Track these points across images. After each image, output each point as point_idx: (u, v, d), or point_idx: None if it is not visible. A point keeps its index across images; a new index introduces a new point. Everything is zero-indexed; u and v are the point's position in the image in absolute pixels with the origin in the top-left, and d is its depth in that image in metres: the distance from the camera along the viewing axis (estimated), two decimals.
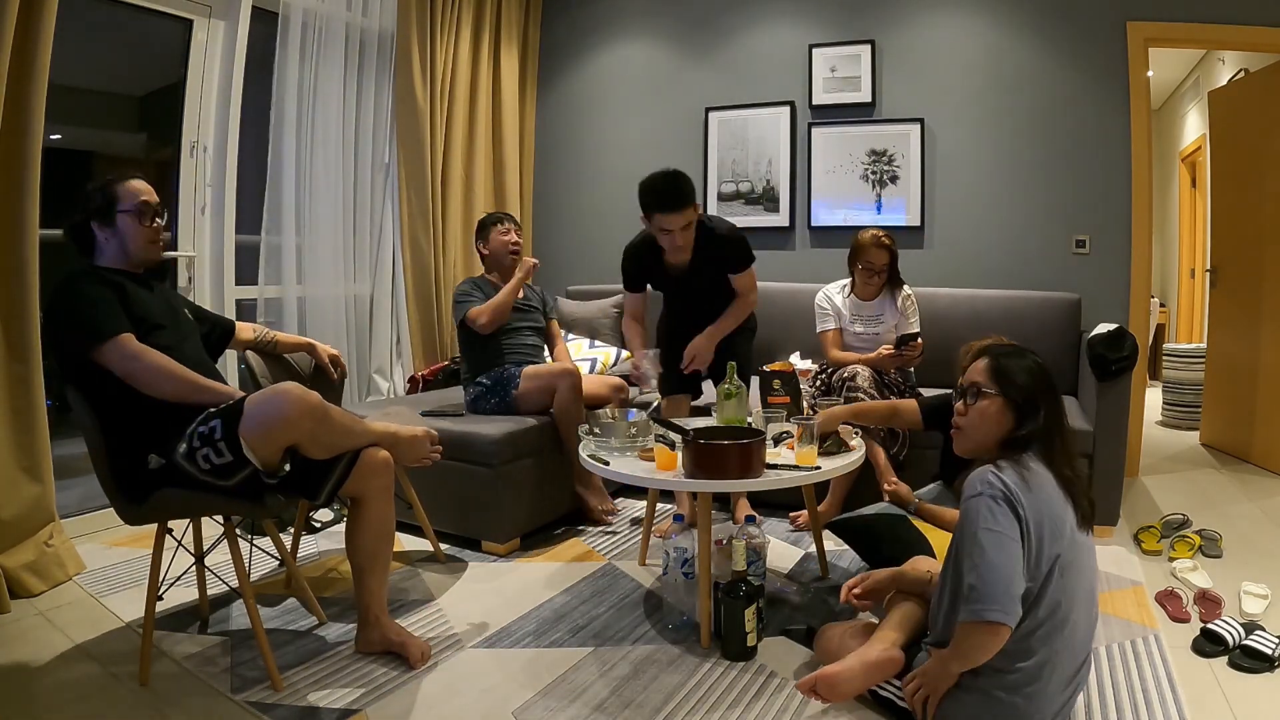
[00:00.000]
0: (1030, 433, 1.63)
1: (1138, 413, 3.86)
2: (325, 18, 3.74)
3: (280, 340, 2.55)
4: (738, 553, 2.11)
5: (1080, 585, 1.60)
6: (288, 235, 3.65)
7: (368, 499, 2.05)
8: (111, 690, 1.93)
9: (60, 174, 2.90)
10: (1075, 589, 1.59)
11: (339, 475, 2.00)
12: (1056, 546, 1.55)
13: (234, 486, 1.88)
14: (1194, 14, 3.69)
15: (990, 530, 1.51)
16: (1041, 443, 1.64)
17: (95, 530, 3.03)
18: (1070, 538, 1.58)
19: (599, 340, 4.23)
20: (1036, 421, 1.64)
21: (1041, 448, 1.63)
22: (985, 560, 1.50)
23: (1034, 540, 1.53)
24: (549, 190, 4.97)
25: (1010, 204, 4.03)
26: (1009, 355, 1.71)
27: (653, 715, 1.83)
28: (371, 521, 2.06)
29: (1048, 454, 1.63)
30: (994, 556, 1.49)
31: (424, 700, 1.89)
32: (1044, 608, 1.54)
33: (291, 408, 1.84)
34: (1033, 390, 1.65)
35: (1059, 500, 1.59)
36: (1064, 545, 1.56)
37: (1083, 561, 1.62)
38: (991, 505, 1.53)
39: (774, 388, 2.63)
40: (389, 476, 2.09)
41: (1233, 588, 2.47)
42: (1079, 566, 1.61)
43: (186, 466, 1.87)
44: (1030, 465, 1.59)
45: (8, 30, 2.35)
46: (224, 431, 1.85)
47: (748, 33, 4.48)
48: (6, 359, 2.48)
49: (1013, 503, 1.53)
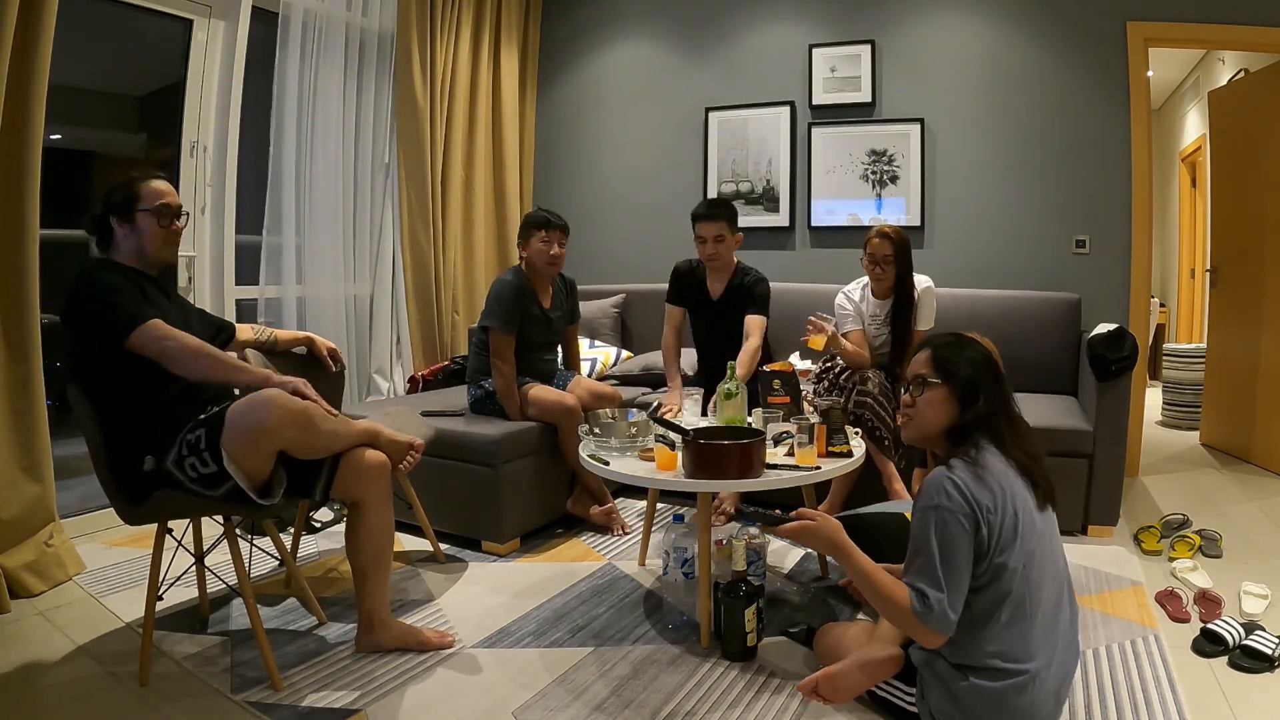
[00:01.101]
0: (974, 418, 1.69)
1: (1138, 413, 3.86)
2: (325, 18, 3.74)
3: (280, 338, 2.54)
4: (738, 553, 2.11)
5: (1046, 574, 1.64)
6: (288, 235, 3.65)
7: (366, 502, 2.05)
8: (111, 690, 1.93)
9: (60, 174, 2.90)
10: (1041, 579, 1.62)
11: (327, 473, 2.01)
12: (1030, 539, 1.60)
13: (221, 496, 1.88)
14: (1194, 14, 3.69)
15: (943, 538, 1.58)
16: (987, 427, 1.69)
17: (95, 530, 3.03)
18: (1031, 524, 1.62)
19: (599, 340, 4.24)
20: (978, 408, 1.69)
21: (989, 433, 1.68)
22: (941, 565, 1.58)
23: (999, 532, 1.58)
24: (549, 190, 4.97)
25: (1010, 204, 4.03)
26: (949, 346, 1.76)
27: (653, 715, 1.83)
28: (371, 525, 2.06)
29: (997, 439, 1.68)
30: (950, 573, 1.57)
31: (424, 700, 1.89)
32: (1007, 606, 1.58)
33: (273, 417, 1.83)
34: (973, 378, 1.70)
35: (1019, 484, 1.64)
36: (1032, 534, 1.62)
37: (1046, 548, 1.66)
38: (945, 517, 1.58)
39: (774, 388, 2.63)
40: (386, 479, 2.09)
41: (1233, 588, 2.47)
42: (1044, 553, 1.64)
43: (176, 473, 1.88)
44: (982, 457, 1.64)
45: (8, 30, 2.35)
46: (207, 441, 1.85)
47: (748, 33, 4.48)
48: (7, 359, 2.48)
49: (971, 509, 1.57)
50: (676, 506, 2.97)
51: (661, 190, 4.69)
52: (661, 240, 4.68)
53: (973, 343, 1.78)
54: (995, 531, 1.58)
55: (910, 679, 1.72)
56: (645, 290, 4.40)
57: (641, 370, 3.92)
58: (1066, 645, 1.67)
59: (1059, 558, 1.71)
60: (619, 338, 4.35)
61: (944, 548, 1.57)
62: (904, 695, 1.72)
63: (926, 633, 1.60)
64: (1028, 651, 1.59)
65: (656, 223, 4.70)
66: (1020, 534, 1.59)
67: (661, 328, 3.34)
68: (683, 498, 3.13)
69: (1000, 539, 1.58)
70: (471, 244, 4.53)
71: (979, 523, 1.57)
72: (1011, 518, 1.59)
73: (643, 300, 4.38)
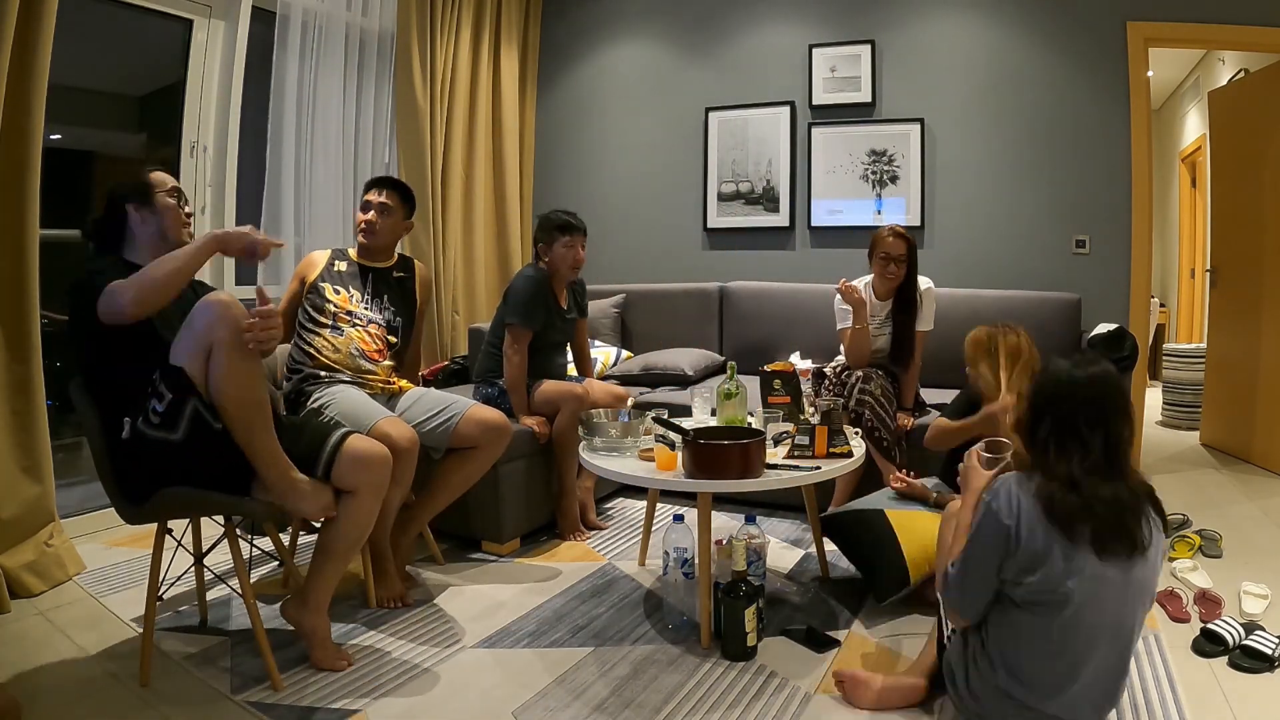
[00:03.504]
0: (1034, 442, 1.62)
1: (1138, 413, 3.86)
2: (325, 18, 3.74)
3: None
4: (738, 553, 2.11)
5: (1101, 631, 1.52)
6: (288, 235, 3.65)
7: (359, 491, 2.01)
8: (111, 690, 1.93)
9: (60, 174, 2.90)
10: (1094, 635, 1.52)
11: (328, 456, 1.97)
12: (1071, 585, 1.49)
13: (184, 439, 1.80)
14: (1194, 14, 3.70)
15: (974, 540, 1.61)
16: (1043, 456, 1.59)
17: (95, 530, 3.03)
18: (1075, 566, 1.49)
19: (599, 340, 4.23)
20: (1038, 433, 1.60)
21: (1040, 462, 1.59)
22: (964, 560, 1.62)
23: (1017, 556, 1.54)
24: (549, 190, 4.97)
25: (1010, 204, 4.03)
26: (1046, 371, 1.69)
27: (653, 715, 1.83)
28: (353, 512, 2.01)
29: (1045, 470, 1.57)
30: (969, 564, 1.61)
31: (424, 700, 1.89)
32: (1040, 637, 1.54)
33: (212, 313, 1.78)
34: (1041, 405, 1.62)
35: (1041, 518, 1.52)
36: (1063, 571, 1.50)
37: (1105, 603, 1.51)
38: (985, 513, 1.59)
39: (774, 388, 2.63)
40: (384, 473, 2.06)
41: (1233, 588, 2.47)
42: (1099, 607, 1.51)
43: (144, 430, 1.83)
44: (1025, 478, 1.58)
45: (8, 30, 2.35)
46: (162, 372, 1.81)
47: (748, 33, 4.48)
48: (7, 360, 2.48)
49: (1013, 516, 1.54)
50: (676, 506, 2.96)
51: (662, 190, 4.69)
52: (662, 240, 4.68)
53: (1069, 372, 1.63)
54: (1014, 554, 1.53)
55: None
56: (645, 290, 4.41)
57: (641, 370, 3.92)
58: (1092, 707, 1.59)
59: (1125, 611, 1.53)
60: (619, 338, 4.35)
61: (973, 541, 1.61)
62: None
63: (946, 601, 1.69)
64: (1050, 692, 1.55)
65: (656, 223, 4.70)
66: (1050, 572, 1.50)
67: (663, 328, 3.34)
68: (683, 498, 3.13)
69: (1019, 565, 1.53)
70: (471, 244, 4.53)
71: (1009, 535, 1.54)
72: (1031, 548, 1.51)
73: (643, 300, 4.38)
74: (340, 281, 2.68)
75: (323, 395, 2.51)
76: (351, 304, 2.66)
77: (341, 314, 2.63)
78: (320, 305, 2.63)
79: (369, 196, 2.72)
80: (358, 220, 2.72)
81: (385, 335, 2.71)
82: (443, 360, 4.24)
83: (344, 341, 2.61)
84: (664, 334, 4.19)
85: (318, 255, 2.74)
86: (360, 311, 2.67)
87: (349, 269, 2.71)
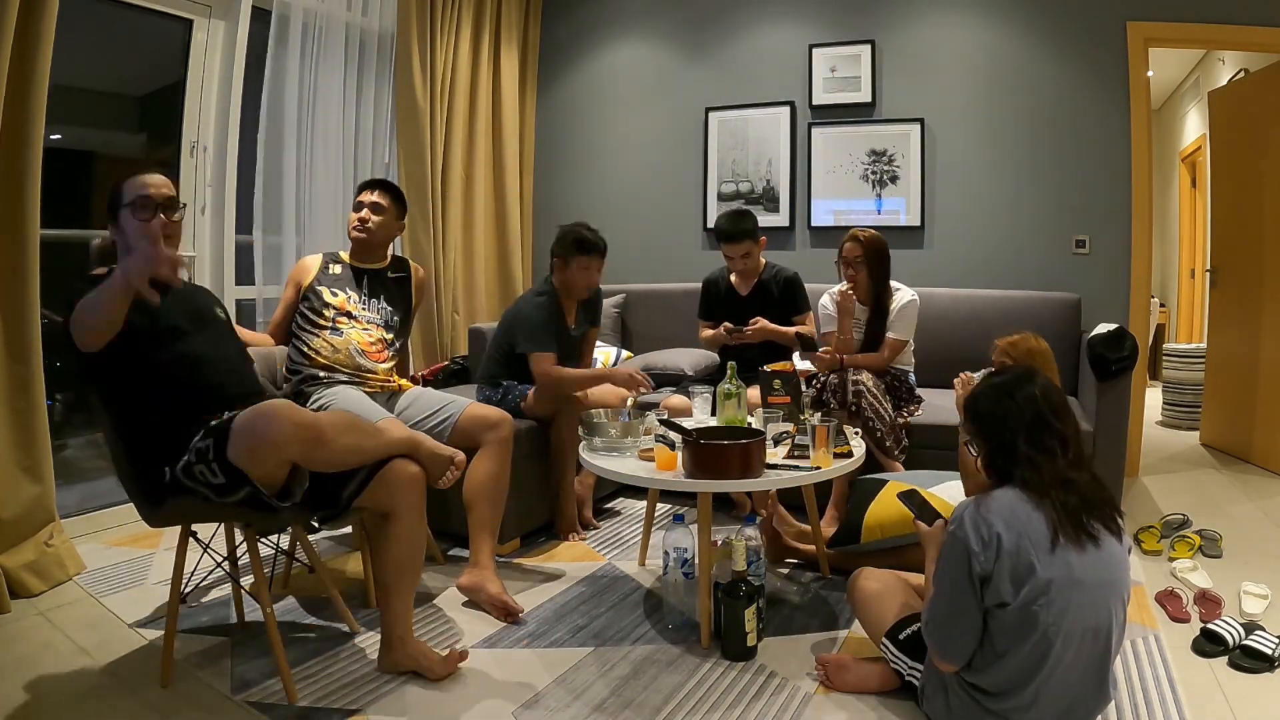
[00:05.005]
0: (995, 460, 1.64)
1: (1138, 413, 3.86)
2: (325, 18, 3.74)
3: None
4: (738, 553, 2.11)
5: (1079, 629, 1.52)
6: (287, 235, 3.65)
7: (398, 514, 1.96)
8: (111, 690, 1.93)
9: (60, 174, 2.90)
10: (1071, 633, 1.51)
11: (354, 488, 1.94)
12: (1050, 588, 1.50)
13: (238, 503, 1.79)
14: (1194, 14, 3.70)
15: (943, 578, 1.60)
16: (1010, 468, 1.61)
17: (95, 530, 3.02)
18: (1057, 571, 1.50)
19: (599, 340, 4.23)
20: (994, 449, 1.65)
21: (1011, 474, 1.60)
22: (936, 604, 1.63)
23: (993, 574, 1.53)
24: (549, 190, 4.97)
25: (1010, 204, 4.03)
26: (984, 390, 1.68)
27: (653, 715, 1.83)
28: (401, 537, 1.96)
29: (1021, 481, 1.58)
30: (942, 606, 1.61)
31: (424, 700, 1.89)
32: (1029, 640, 1.52)
33: (277, 431, 1.71)
34: (989, 426, 1.64)
35: (1037, 526, 1.53)
36: (1049, 572, 1.50)
37: (1084, 600, 1.51)
38: (952, 547, 1.58)
39: (774, 388, 2.63)
40: (420, 492, 2.01)
41: (1233, 588, 2.47)
42: (1079, 606, 1.51)
43: (187, 482, 1.80)
44: (995, 494, 1.59)
45: (8, 30, 2.35)
46: (215, 452, 1.75)
47: (748, 33, 4.48)
48: (7, 360, 2.48)
49: (980, 542, 1.53)
50: (676, 507, 2.96)
51: (661, 190, 4.69)
52: (662, 240, 4.68)
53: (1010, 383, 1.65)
54: (989, 573, 1.53)
55: (918, 655, 1.75)
56: (645, 290, 4.41)
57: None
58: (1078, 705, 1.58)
59: (1102, 611, 1.54)
60: (619, 338, 4.35)
61: (941, 576, 1.61)
62: (911, 669, 1.78)
63: (930, 647, 1.66)
64: (1029, 701, 1.55)
65: (656, 223, 4.70)
66: (1034, 581, 1.50)
67: (663, 328, 3.35)
68: (683, 498, 3.12)
69: (995, 581, 1.52)
70: (471, 244, 4.53)
71: (969, 558, 1.54)
72: (1011, 561, 1.51)
73: (643, 300, 4.38)
74: (336, 284, 2.68)
75: (322, 396, 2.51)
76: (350, 305, 2.67)
77: (341, 315, 2.64)
78: (319, 308, 2.63)
79: (361, 197, 2.74)
80: (351, 220, 2.73)
81: (384, 334, 2.71)
82: (443, 360, 4.24)
83: (343, 342, 2.62)
84: (664, 334, 4.19)
85: (309, 260, 2.75)
86: (359, 312, 2.67)
87: (343, 271, 2.72)
